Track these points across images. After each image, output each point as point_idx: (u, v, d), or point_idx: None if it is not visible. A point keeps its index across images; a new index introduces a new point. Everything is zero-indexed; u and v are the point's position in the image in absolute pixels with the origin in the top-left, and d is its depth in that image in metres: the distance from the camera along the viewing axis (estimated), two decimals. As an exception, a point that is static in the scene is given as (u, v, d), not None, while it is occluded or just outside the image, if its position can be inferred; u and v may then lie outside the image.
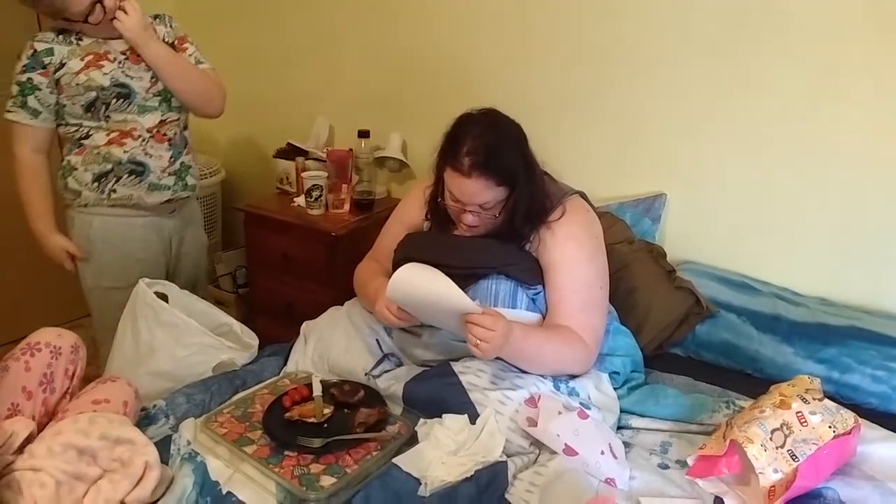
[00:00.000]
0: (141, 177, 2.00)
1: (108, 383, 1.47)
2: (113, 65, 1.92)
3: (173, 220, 2.14)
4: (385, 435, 1.47)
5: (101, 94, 1.91)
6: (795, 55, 1.91)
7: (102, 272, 2.07)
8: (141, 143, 1.98)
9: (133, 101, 1.95)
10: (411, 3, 2.51)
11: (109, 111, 1.93)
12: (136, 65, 1.94)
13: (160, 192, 2.04)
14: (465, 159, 1.49)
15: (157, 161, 2.01)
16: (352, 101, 2.77)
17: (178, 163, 2.07)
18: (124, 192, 2.00)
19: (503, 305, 1.58)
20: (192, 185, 2.13)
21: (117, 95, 1.92)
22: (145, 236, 2.08)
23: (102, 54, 1.91)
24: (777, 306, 1.91)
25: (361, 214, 2.53)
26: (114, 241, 2.05)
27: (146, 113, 1.97)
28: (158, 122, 2.00)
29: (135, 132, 1.97)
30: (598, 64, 2.21)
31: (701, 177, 2.14)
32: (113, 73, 1.91)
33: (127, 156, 1.97)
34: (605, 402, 1.56)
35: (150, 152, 2.00)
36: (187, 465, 1.38)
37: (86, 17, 1.81)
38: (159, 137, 2.01)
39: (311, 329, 1.85)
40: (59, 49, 1.88)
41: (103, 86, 1.90)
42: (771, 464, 1.27)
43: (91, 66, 1.89)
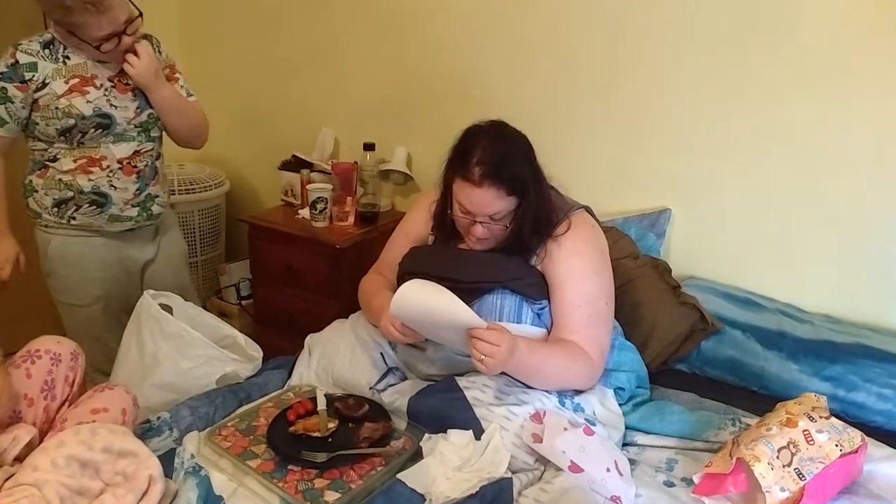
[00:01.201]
0: (102, 208, 1.93)
1: (105, 391, 1.47)
2: (98, 92, 1.84)
3: (136, 238, 2.07)
4: (389, 450, 1.46)
5: (81, 122, 1.82)
6: (800, 71, 1.91)
7: (62, 289, 2.03)
8: (108, 174, 1.91)
9: (111, 132, 1.88)
10: (417, 16, 2.53)
11: (84, 139, 1.85)
12: (122, 94, 1.88)
13: (121, 222, 1.98)
14: (475, 169, 1.50)
15: (121, 193, 1.94)
16: (357, 114, 2.78)
17: (144, 195, 1.99)
18: (84, 220, 1.94)
19: (508, 320, 1.58)
20: (157, 213, 2.06)
21: (97, 125, 1.85)
22: (105, 255, 2.02)
23: (89, 78, 1.83)
24: (782, 323, 1.91)
25: (366, 227, 2.53)
26: (72, 259, 1.99)
27: (121, 142, 1.90)
28: (132, 153, 1.93)
29: (103, 162, 1.89)
30: (603, 79, 2.22)
31: (705, 192, 2.14)
32: (97, 102, 1.83)
33: (91, 185, 1.89)
34: (611, 418, 1.56)
35: (116, 184, 1.92)
36: (191, 478, 1.38)
37: (99, 45, 1.76)
38: (128, 169, 1.93)
39: (315, 342, 1.84)
40: (44, 66, 1.79)
41: (84, 115, 1.82)
42: (778, 482, 1.26)
43: (75, 91, 1.81)
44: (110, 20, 1.73)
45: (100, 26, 1.72)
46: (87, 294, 2.02)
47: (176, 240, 2.23)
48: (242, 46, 3.00)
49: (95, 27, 1.72)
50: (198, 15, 3.07)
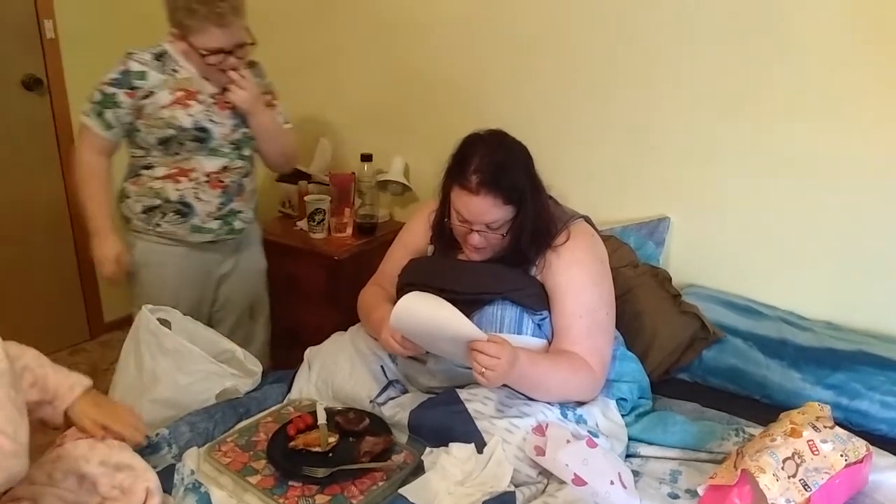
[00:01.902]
0: (185, 217, 2.01)
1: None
2: (200, 107, 1.92)
3: (217, 252, 2.14)
4: (391, 464, 1.45)
5: (180, 133, 1.91)
6: (799, 78, 1.91)
7: (140, 292, 2.09)
8: (194, 186, 1.98)
9: (207, 145, 1.95)
10: (414, 26, 2.53)
11: (181, 150, 1.94)
12: (221, 111, 1.96)
13: (202, 234, 2.05)
14: (473, 177, 1.49)
15: (204, 206, 2.01)
16: (354, 125, 2.78)
17: (227, 209, 2.06)
18: (168, 228, 2.03)
19: (509, 331, 1.57)
20: (240, 229, 2.12)
21: (194, 138, 1.93)
22: (184, 265, 2.09)
23: (193, 92, 1.91)
24: (783, 331, 1.90)
25: (364, 238, 2.52)
26: (152, 264, 2.07)
27: (213, 157, 1.98)
28: (221, 168, 2.00)
29: (192, 173, 1.97)
30: (602, 87, 2.22)
31: (704, 200, 2.14)
32: (197, 116, 1.91)
33: (178, 194, 1.98)
34: (613, 429, 1.55)
35: (201, 196, 2.00)
36: (191, 495, 1.37)
37: (206, 55, 1.83)
38: (214, 183, 2.00)
39: (314, 355, 1.83)
40: (153, 76, 1.88)
41: (184, 127, 1.90)
42: (783, 494, 1.25)
43: (178, 103, 1.89)
44: (226, 36, 1.83)
45: (215, 38, 1.82)
46: (161, 300, 2.01)
47: (255, 256, 2.27)
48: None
49: (210, 38, 1.82)
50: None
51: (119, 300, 3.14)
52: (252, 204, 2.17)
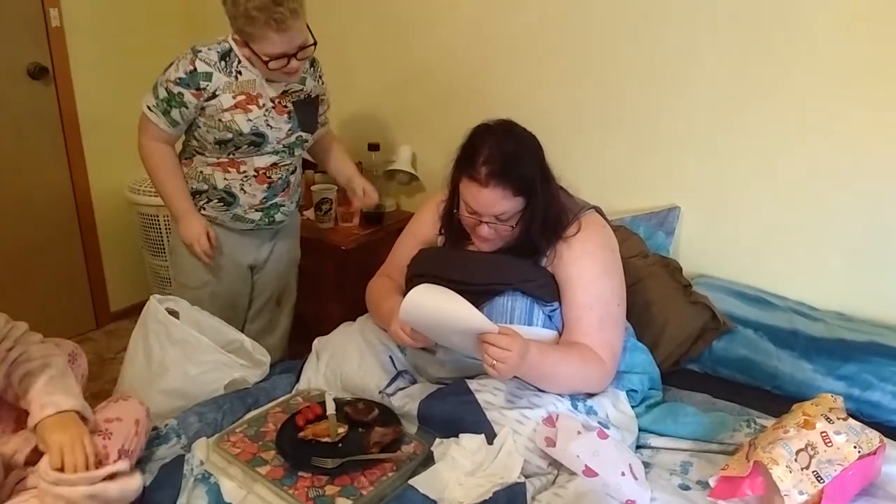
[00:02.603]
0: (229, 206, 2.02)
1: (120, 402, 1.46)
2: (259, 111, 1.92)
3: (256, 237, 2.15)
4: (400, 455, 1.45)
5: (237, 138, 1.91)
6: (810, 67, 1.89)
7: (178, 268, 2.14)
8: (242, 178, 1.99)
9: (262, 150, 1.96)
10: (422, 15, 2.51)
11: (237, 152, 1.95)
12: (279, 115, 1.96)
13: (243, 223, 2.06)
14: (482, 168, 1.48)
15: (248, 198, 2.02)
16: (362, 114, 2.77)
17: (270, 203, 2.06)
18: (211, 212, 2.04)
19: (519, 323, 1.56)
20: (280, 220, 2.13)
21: (251, 143, 1.93)
22: (228, 247, 2.10)
23: (255, 97, 1.91)
24: (794, 321, 1.89)
25: (371, 228, 2.51)
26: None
27: (266, 155, 1.98)
28: (270, 165, 2.00)
29: (241, 166, 1.98)
30: (611, 77, 2.20)
31: (714, 190, 2.12)
32: (256, 122, 1.91)
33: (224, 183, 1.99)
34: (624, 420, 1.54)
35: (246, 189, 2.00)
36: (200, 486, 1.37)
37: (269, 60, 1.82)
38: (262, 179, 2.01)
39: (323, 345, 1.83)
40: (218, 77, 1.87)
41: (242, 132, 1.90)
42: (796, 485, 1.25)
43: (240, 107, 1.89)
44: (286, 40, 1.80)
45: (275, 44, 1.79)
46: (197, 277, 2.10)
47: (289, 247, 2.27)
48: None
49: (271, 44, 1.79)
50: (201, 16, 3.04)
51: (125, 290, 3.15)
52: (295, 198, 2.17)
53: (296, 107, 1.99)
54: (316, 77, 2.08)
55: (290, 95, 1.98)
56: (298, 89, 2.01)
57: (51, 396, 1.30)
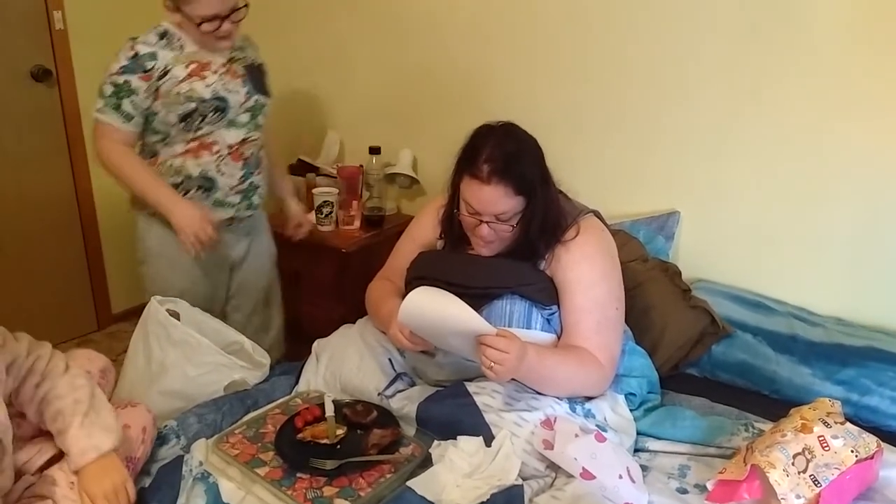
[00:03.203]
0: (209, 192, 1.99)
1: (128, 408, 1.46)
2: (215, 76, 1.92)
3: (231, 232, 2.12)
4: (399, 457, 1.45)
5: (201, 105, 1.89)
6: (810, 72, 1.90)
7: (154, 277, 2.07)
8: (217, 159, 1.97)
9: (226, 115, 1.94)
10: (424, 19, 2.52)
11: (203, 123, 1.92)
12: (233, 79, 1.96)
13: (224, 209, 2.03)
14: (483, 166, 1.49)
15: (227, 179, 2.00)
16: (363, 118, 2.77)
17: (248, 182, 2.05)
18: None
19: (518, 326, 1.56)
20: (257, 205, 2.13)
21: (215, 108, 1.92)
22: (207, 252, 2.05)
23: (206, 64, 1.91)
24: (793, 326, 1.89)
25: (372, 231, 2.52)
26: (164, 250, 2.03)
27: (233, 128, 1.97)
28: (240, 140, 1.99)
29: (213, 147, 1.96)
30: (611, 81, 2.20)
31: (714, 194, 2.13)
32: (214, 86, 1.91)
33: (199, 169, 1.96)
34: (622, 423, 1.54)
35: (223, 170, 1.99)
36: (199, 485, 1.37)
37: (201, 22, 1.82)
38: (236, 156, 2.00)
39: (323, 347, 1.83)
40: (163, 54, 1.86)
41: (204, 98, 1.89)
42: (793, 489, 1.25)
43: (194, 75, 1.88)
44: (219, 3, 1.82)
45: (209, 5, 1.81)
46: (171, 287, 2.03)
47: (266, 242, 2.27)
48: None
49: (204, 6, 1.81)
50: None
51: (126, 291, 3.15)
52: (267, 180, 2.17)
53: (248, 71, 2.00)
54: (253, 47, 2.09)
55: (238, 61, 1.99)
56: (242, 56, 2.01)
57: (90, 439, 1.27)
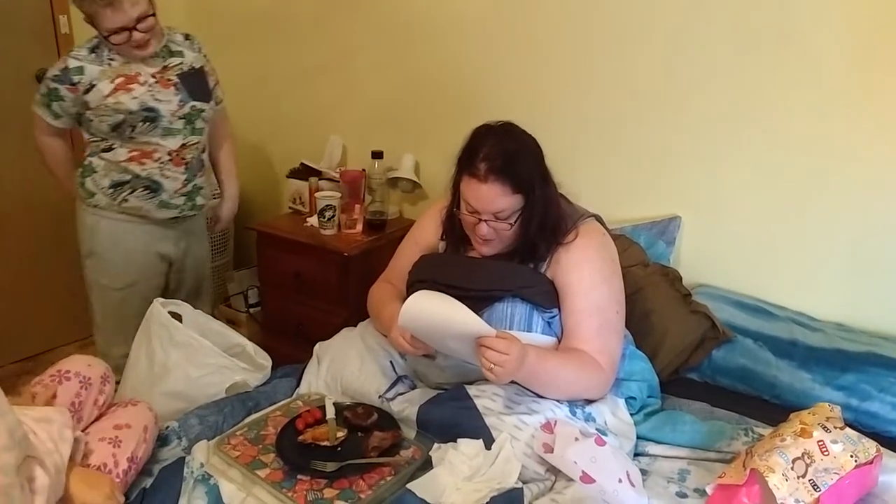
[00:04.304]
0: (155, 193, 2.07)
1: (129, 407, 1.46)
2: (143, 88, 1.97)
3: (175, 230, 2.20)
4: (399, 459, 1.46)
5: (129, 117, 1.95)
6: (811, 77, 1.90)
7: (102, 271, 2.15)
8: (159, 166, 2.04)
9: (159, 125, 2.00)
10: (426, 24, 2.53)
11: (135, 133, 1.98)
12: (165, 88, 2.00)
13: (169, 209, 2.11)
14: (481, 165, 1.50)
15: (171, 182, 2.07)
16: (365, 122, 2.78)
17: (191, 185, 2.13)
18: (135, 203, 2.07)
19: (518, 329, 1.57)
20: (201, 205, 2.20)
21: (144, 119, 1.97)
22: (146, 241, 2.14)
23: (133, 76, 1.96)
24: (794, 331, 1.89)
25: (374, 235, 2.53)
26: (116, 243, 2.12)
27: (169, 136, 2.03)
28: (180, 146, 2.05)
29: (155, 154, 2.02)
30: (614, 87, 2.21)
31: (715, 199, 2.13)
32: (141, 98, 1.96)
33: (145, 173, 2.03)
34: (622, 427, 1.55)
35: (167, 174, 2.06)
36: (200, 486, 1.38)
37: (108, 35, 1.88)
38: (177, 161, 2.06)
39: (324, 350, 1.84)
40: (90, 69, 1.93)
41: (131, 109, 1.95)
42: (793, 494, 1.25)
43: (120, 89, 1.94)
44: (120, 14, 1.85)
45: (110, 19, 1.85)
46: (123, 278, 2.14)
47: (203, 243, 2.37)
48: (251, 55, 3.01)
49: (106, 19, 1.85)
50: (206, 24, 3.08)
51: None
52: (210, 181, 2.26)
53: (182, 78, 2.04)
54: (195, 49, 2.13)
55: (172, 69, 2.04)
56: (178, 63, 2.06)
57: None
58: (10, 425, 1.07)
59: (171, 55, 2.05)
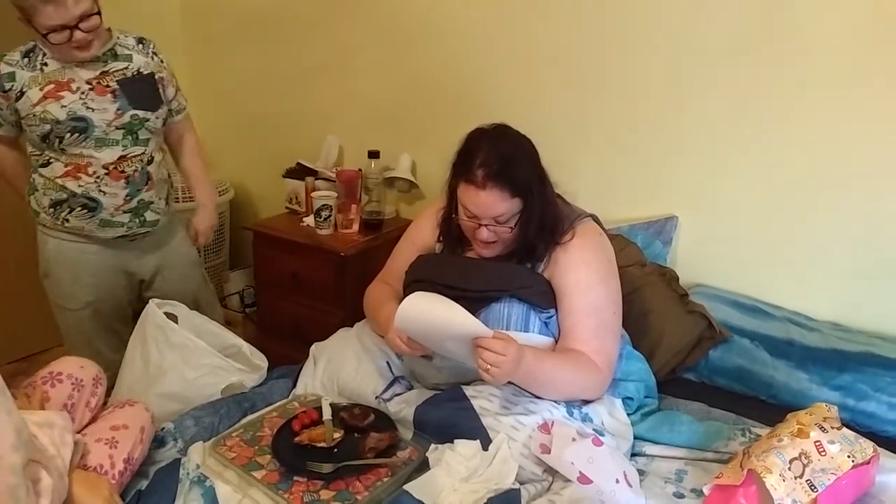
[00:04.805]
0: (93, 212, 1.93)
1: (126, 408, 1.46)
2: (74, 96, 1.84)
3: (135, 248, 2.07)
4: (396, 460, 1.45)
5: (56, 127, 1.83)
6: (809, 78, 1.91)
7: (56, 291, 2.05)
8: (95, 180, 1.90)
9: (90, 136, 1.86)
10: (425, 24, 2.52)
11: (64, 144, 1.85)
12: (101, 96, 1.87)
13: (113, 228, 1.97)
14: (478, 171, 1.49)
15: (110, 199, 1.93)
16: (362, 122, 2.78)
17: (136, 200, 1.97)
18: (76, 223, 1.94)
19: (515, 329, 1.56)
20: (153, 221, 2.04)
21: (72, 129, 1.84)
22: (98, 262, 2.03)
23: (65, 83, 1.83)
24: (790, 331, 1.89)
25: (370, 234, 2.52)
26: (66, 263, 2.01)
27: (104, 148, 1.89)
28: (117, 158, 1.91)
29: (89, 168, 1.88)
30: (612, 87, 2.21)
31: (712, 199, 2.13)
32: (71, 106, 1.83)
33: (81, 190, 1.90)
34: (619, 428, 1.54)
35: (105, 189, 1.91)
36: (196, 488, 1.37)
37: (47, 33, 1.73)
38: (116, 174, 1.91)
39: (320, 351, 1.83)
40: (21, 75, 1.82)
41: (58, 119, 1.82)
42: (790, 494, 1.25)
43: (49, 97, 1.82)
44: (61, 11, 1.70)
45: (49, 16, 1.70)
46: (77, 298, 2.03)
47: (182, 250, 2.21)
48: (247, 55, 3.00)
49: (45, 16, 1.70)
50: (202, 24, 3.07)
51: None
52: (163, 193, 2.08)
53: (122, 85, 1.90)
54: (147, 54, 1.98)
55: (113, 75, 1.89)
56: (122, 67, 1.91)
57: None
58: (17, 424, 1.07)
59: (116, 59, 1.91)
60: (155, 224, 2.05)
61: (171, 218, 2.16)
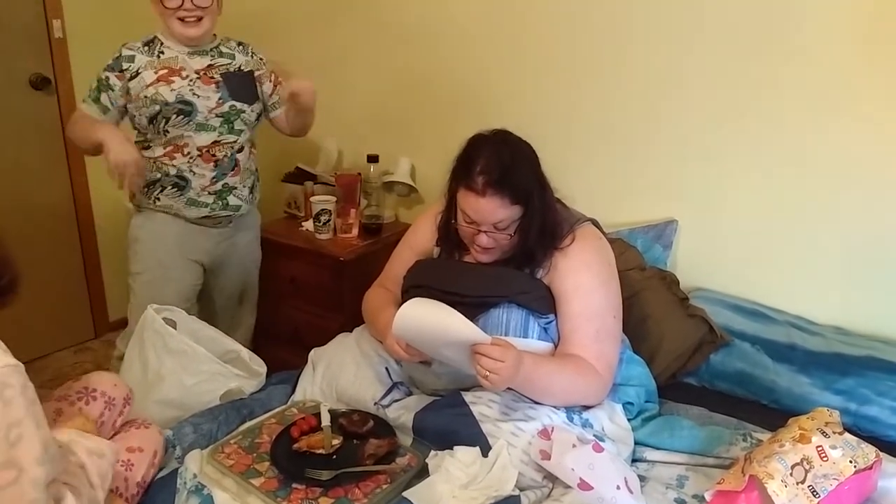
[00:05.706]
0: (182, 191, 2.10)
1: (142, 429, 1.45)
2: (183, 82, 2.03)
3: (212, 236, 2.21)
4: (395, 467, 1.44)
5: (164, 108, 2.01)
6: (808, 82, 1.90)
7: (134, 258, 2.19)
8: (188, 161, 2.08)
9: (192, 119, 2.04)
10: (422, 27, 2.52)
11: (168, 126, 2.03)
12: (206, 85, 2.06)
13: (198, 207, 2.13)
14: (478, 178, 1.48)
15: (199, 179, 2.10)
16: (361, 126, 2.77)
17: (221, 184, 2.13)
18: (166, 201, 2.11)
19: (514, 335, 1.56)
20: (235, 206, 2.19)
21: (178, 112, 2.02)
22: (178, 234, 2.16)
23: (177, 70, 2.03)
24: (792, 335, 1.89)
25: (370, 239, 2.52)
26: (148, 230, 2.16)
27: (203, 132, 2.06)
28: (211, 143, 2.08)
29: (185, 148, 2.06)
30: (610, 90, 2.20)
31: (712, 203, 2.12)
32: (180, 90, 2.01)
33: (175, 169, 2.08)
34: (620, 433, 1.53)
35: (195, 170, 2.09)
36: (194, 498, 1.37)
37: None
38: (207, 157, 2.09)
39: (319, 356, 1.82)
40: (140, 58, 2.02)
41: (167, 101, 2.00)
42: (792, 500, 1.24)
43: (162, 80, 2.01)
44: None
45: None
46: (151, 263, 2.17)
47: (250, 247, 2.36)
48: (246, 58, 2.99)
49: None
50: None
51: (123, 299, 3.13)
52: (249, 182, 2.23)
53: (225, 77, 2.09)
54: (247, 54, 2.19)
55: (218, 68, 2.09)
56: (226, 63, 2.11)
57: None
58: (44, 439, 1.06)
59: (221, 56, 2.12)
60: (237, 209, 2.21)
61: (252, 211, 2.32)
